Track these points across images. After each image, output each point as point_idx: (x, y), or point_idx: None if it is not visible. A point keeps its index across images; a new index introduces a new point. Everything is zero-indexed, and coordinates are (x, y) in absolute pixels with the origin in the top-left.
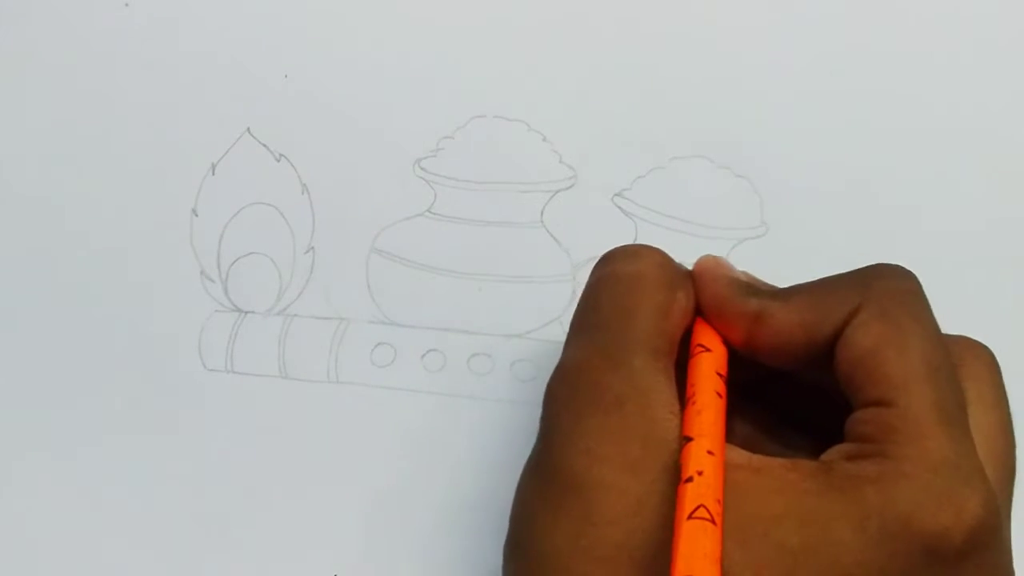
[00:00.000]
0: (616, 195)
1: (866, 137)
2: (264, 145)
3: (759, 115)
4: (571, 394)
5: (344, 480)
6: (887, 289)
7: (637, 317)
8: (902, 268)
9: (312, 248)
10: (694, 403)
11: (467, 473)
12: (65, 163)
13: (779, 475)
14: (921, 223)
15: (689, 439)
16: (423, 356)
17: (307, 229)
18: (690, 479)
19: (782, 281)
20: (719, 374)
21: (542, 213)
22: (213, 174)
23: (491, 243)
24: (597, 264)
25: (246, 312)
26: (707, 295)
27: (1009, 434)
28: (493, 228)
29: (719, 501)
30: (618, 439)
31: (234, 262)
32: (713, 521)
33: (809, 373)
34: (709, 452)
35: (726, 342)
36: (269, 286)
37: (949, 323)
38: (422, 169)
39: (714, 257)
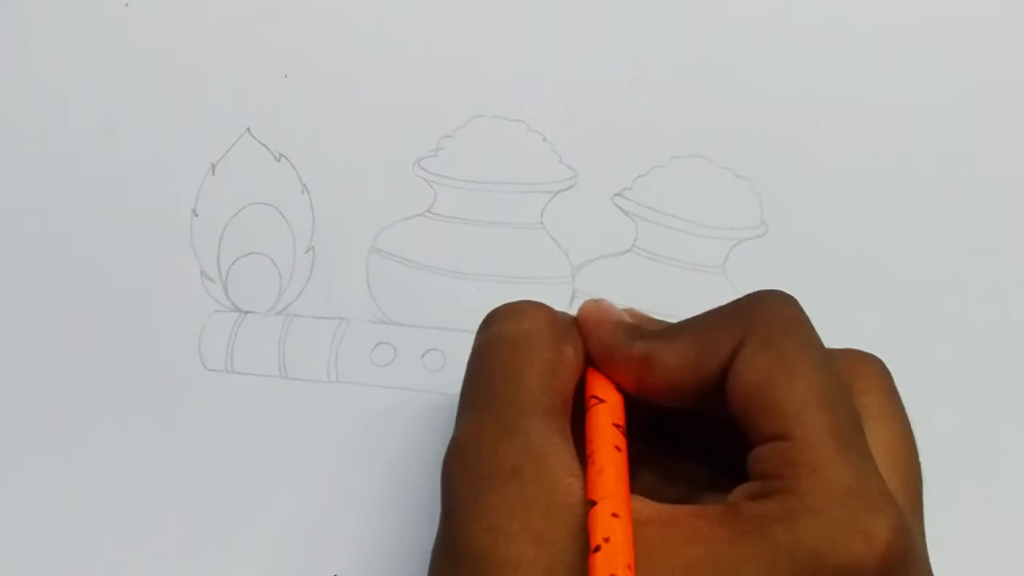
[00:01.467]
0: (616, 195)
1: (866, 137)
2: (264, 145)
3: (759, 115)
4: (468, 469)
5: (344, 480)
6: (768, 318)
7: (525, 379)
8: (781, 293)
9: (312, 248)
10: (594, 462)
11: None
12: (65, 163)
13: (687, 524)
14: (921, 223)
15: (593, 503)
16: (423, 356)
17: (307, 229)
18: (598, 548)
19: (782, 281)
20: (616, 425)
21: (542, 213)
22: (213, 174)
23: (491, 243)
24: (480, 327)
25: (246, 312)
26: (594, 342)
27: (910, 443)
28: (493, 228)
29: (630, 567)
30: (520, 511)
31: (234, 262)
32: None
33: (705, 409)
34: (614, 515)
35: (619, 388)
36: (269, 286)
37: (948, 322)
38: (422, 169)
39: (596, 302)
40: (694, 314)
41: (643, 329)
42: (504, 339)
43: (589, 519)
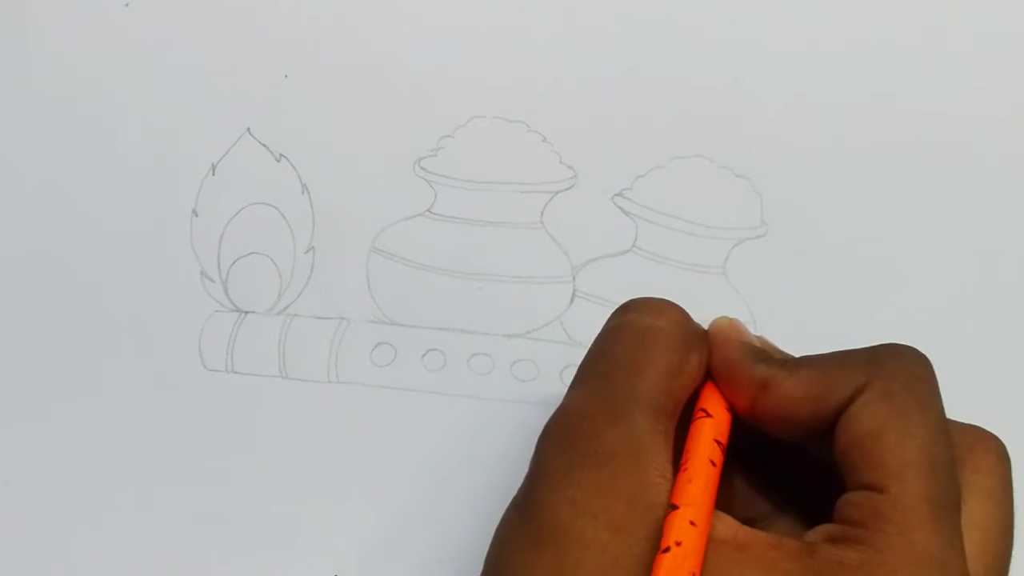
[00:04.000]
0: (616, 195)
1: (866, 137)
2: (264, 145)
3: (759, 115)
4: (567, 440)
5: (344, 480)
6: (897, 372)
7: (646, 373)
8: (916, 352)
9: (312, 248)
10: (686, 470)
11: (467, 472)
12: (65, 163)
13: (762, 552)
14: (921, 223)
15: (675, 507)
16: (423, 356)
17: (307, 229)
18: (667, 549)
19: (782, 281)
20: (717, 441)
21: (542, 213)
22: (213, 174)
23: (491, 243)
24: (615, 311)
25: (246, 312)
26: (717, 358)
27: (1008, 533)
28: (493, 228)
29: (694, 575)
30: (605, 495)
31: (234, 262)
32: None
33: (810, 445)
34: (692, 523)
35: (731, 408)
36: (269, 286)
37: (949, 323)
38: (422, 169)
39: (730, 320)
40: (694, 314)
41: (768, 354)
42: (634, 329)
43: (666, 520)
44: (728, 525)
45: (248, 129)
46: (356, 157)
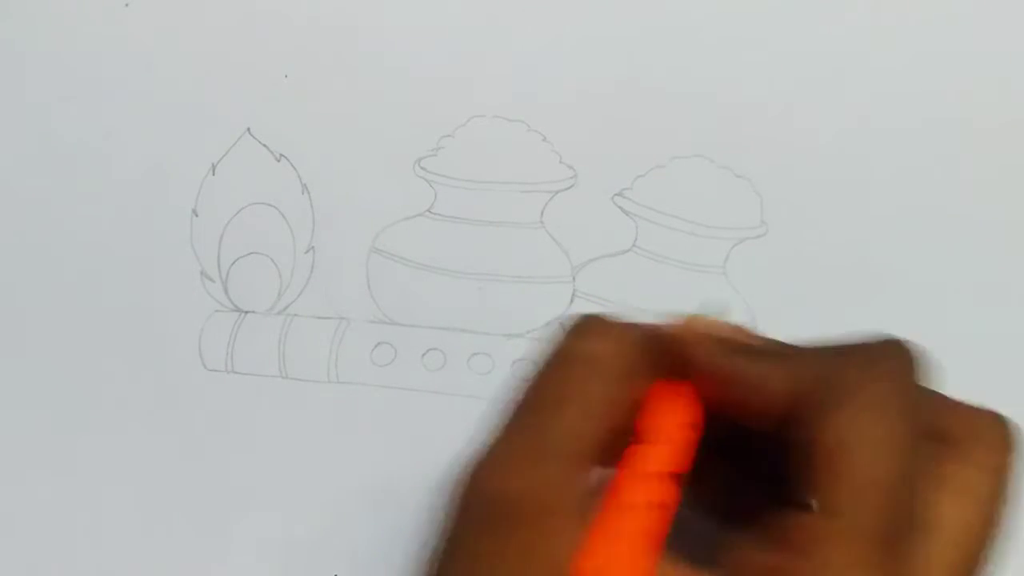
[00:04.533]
0: (616, 195)
1: (866, 137)
2: (264, 145)
3: (759, 115)
4: (470, 498)
5: (344, 480)
6: (878, 375)
7: (566, 413)
8: (904, 350)
9: (312, 248)
10: (604, 521)
11: None
12: (65, 163)
13: None
14: (921, 223)
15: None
16: (423, 356)
17: (307, 229)
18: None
19: (782, 281)
20: (667, 474)
21: (542, 213)
22: (213, 174)
23: (491, 243)
24: (560, 332)
25: (246, 312)
26: (691, 353)
27: (988, 534)
28: (493, 228)
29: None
30: (506, 566)
31: (234, 262)
32: None
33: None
34: None
35: (705, 410)
36: (269, 286)
37: (949, 323)
38: (422, 168)
39: (703, 317)
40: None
41: (743, 345)
42: (564, 357)
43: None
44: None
45: (248, 129)
46: (356, 157)
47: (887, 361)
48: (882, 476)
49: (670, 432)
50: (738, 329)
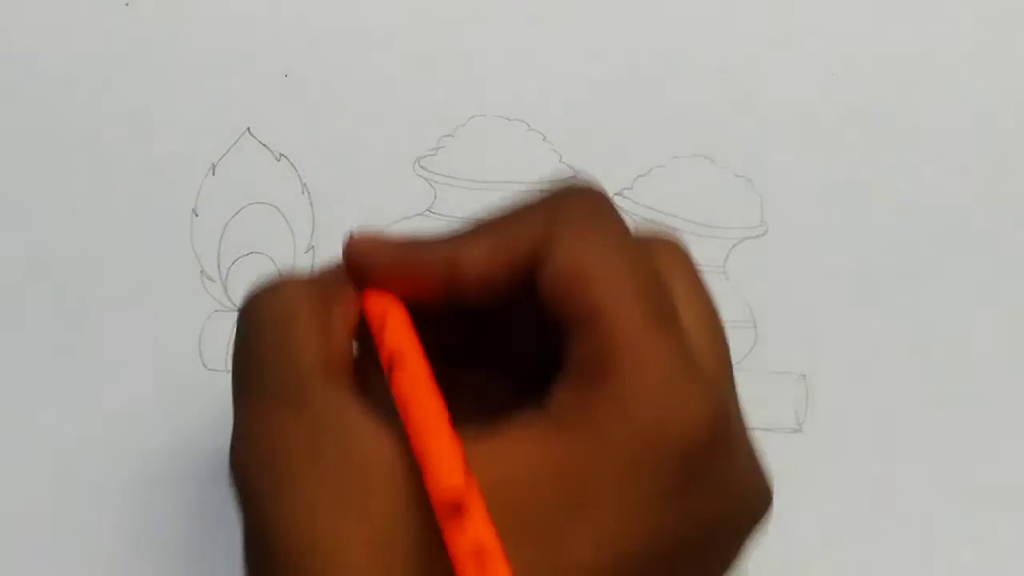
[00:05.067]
0: (616, 195)
1: (866, 137)
2: (264, 145)
3: (759, 115)
4: (263, 461)
5: None
6: (575, 207)
7: (296, 349)
8: (585, 184)
9: (312, 248)
10: (404, 405)
11: None
12: (65, 163)
13: (515, 438)
14: (921, 223)
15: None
16: None
17: (307, 229)
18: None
19: (783, 281)
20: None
21: None
22: (213, 174)
23: None
24: (239, 313)
25: None
26: (379, 265)
27: (716, 321)
28: None
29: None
30: (333, 482)
31: (234, 262)
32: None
33: (521, 311)
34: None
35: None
36: None
37: (948, 322)
38: (422, 168)
39: (362, 232)
40: None
41: (432, 237)
42: (263, 318)
43: (411, 436)
44: (468, 432)
45: (248, 129)
46: (356, 157)
47: (577, 193)
48: (623, 278)
49: (389, 307)
50: (402, 234)
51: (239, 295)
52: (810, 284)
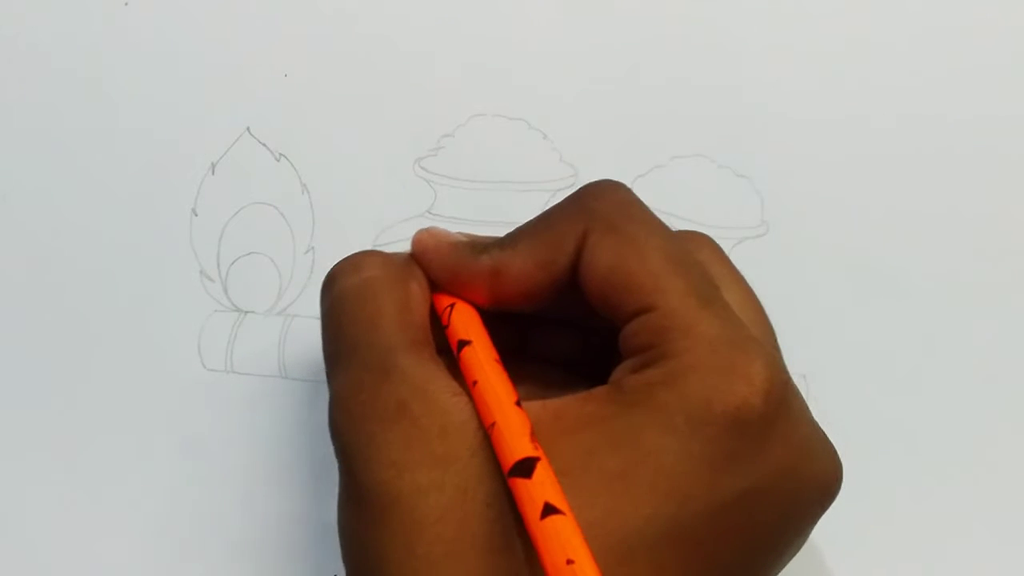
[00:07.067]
0: None
1: (867, 137)
2: (264, 145)
3: (760, 115)
4: (355, 419)
5: None
6: (607, 205)
7: (383, 322)
8: (612, 182)
9: (312, 248)
10: (476, 380)
11: None
12: (65, 163)
13: (577, 412)
14: (922, 224)
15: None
16: None
17: (307, 229)
18: (493, 424)
19: (784, 281)
20: (477, 328)
21: None
22: (213, 174)
23: None
24: (323, 289)
25: (246, 312)
26: (437, 267)
27: (757, 301)
28: (493, 228)
29: (529, 434)
30: (417, 441)
31: (234, 262)
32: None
33: (564, 309)
34: (514, 403)
35: (473, 304)
36: (269, 286)
37: (948, 323)
38: (422, 168)
39: (426, 230)
40: None
41: (482, 243)
42: (350, 293)
43: (478, 403)
44: (533, 406)
45: (248, 129)
46: (356, 157)
47: (606, 190)
48: (664, 263)
49: (460, 306)
50: (461, 233)
51: (239, 295)
52: (810, 284)
